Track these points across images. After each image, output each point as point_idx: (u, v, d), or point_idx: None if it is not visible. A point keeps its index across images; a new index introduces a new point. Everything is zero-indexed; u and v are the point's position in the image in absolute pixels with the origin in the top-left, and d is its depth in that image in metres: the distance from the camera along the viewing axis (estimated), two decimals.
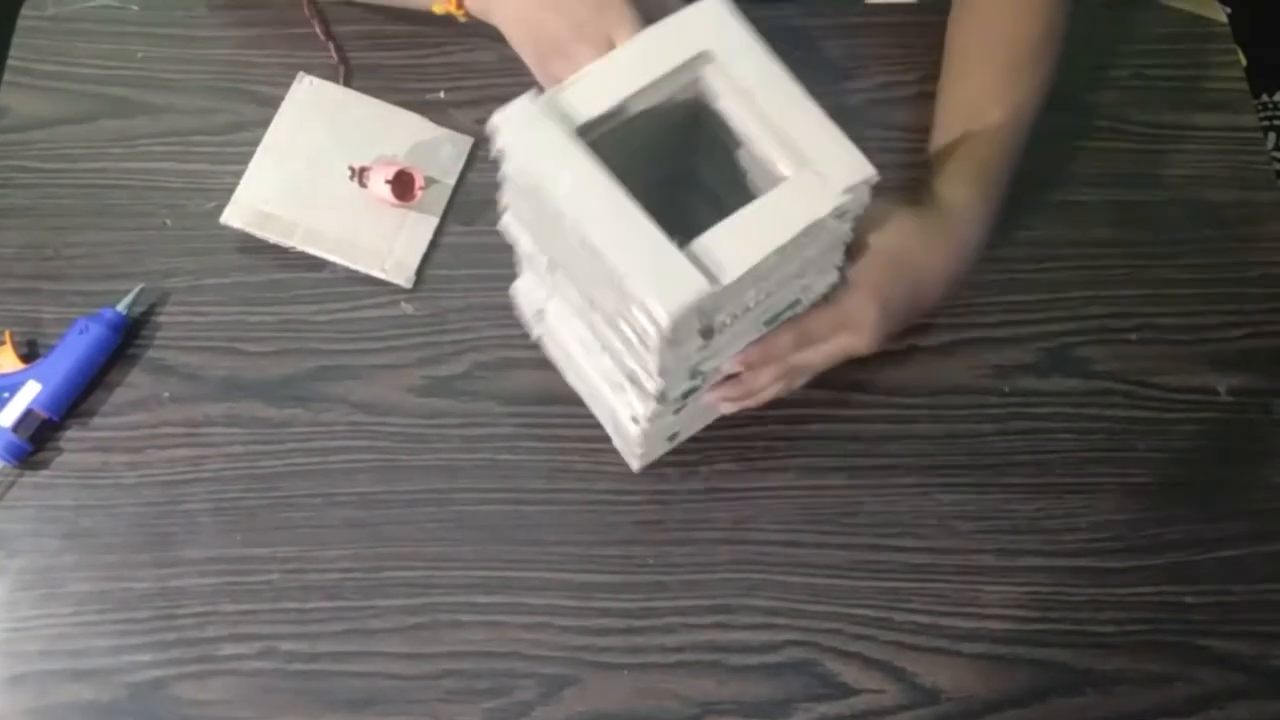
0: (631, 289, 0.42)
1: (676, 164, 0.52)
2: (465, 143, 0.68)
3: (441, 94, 0.69)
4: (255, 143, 0.66)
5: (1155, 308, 0.66)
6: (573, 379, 0.60)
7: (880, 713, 0.56)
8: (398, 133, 0.67)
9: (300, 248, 0.64)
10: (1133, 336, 0.65)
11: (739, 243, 0.43)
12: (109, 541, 0.58)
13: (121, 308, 0.62)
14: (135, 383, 0.61)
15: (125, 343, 0.62)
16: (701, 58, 0.46)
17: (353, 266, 0.64)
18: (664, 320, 0.41)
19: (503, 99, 0.68)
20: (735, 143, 0.48)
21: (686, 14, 0.46)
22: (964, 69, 0.64)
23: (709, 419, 0.59)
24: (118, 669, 0.55)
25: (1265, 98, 1.00)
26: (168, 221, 0.65)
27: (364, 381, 0.62)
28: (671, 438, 0.58)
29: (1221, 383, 0.64)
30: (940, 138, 0.63)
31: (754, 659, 0.57)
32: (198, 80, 0.69)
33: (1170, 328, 0.65)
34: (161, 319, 0.63)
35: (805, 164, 0.44)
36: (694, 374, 0.50)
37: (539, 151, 0.43)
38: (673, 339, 0.43)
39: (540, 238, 0.48)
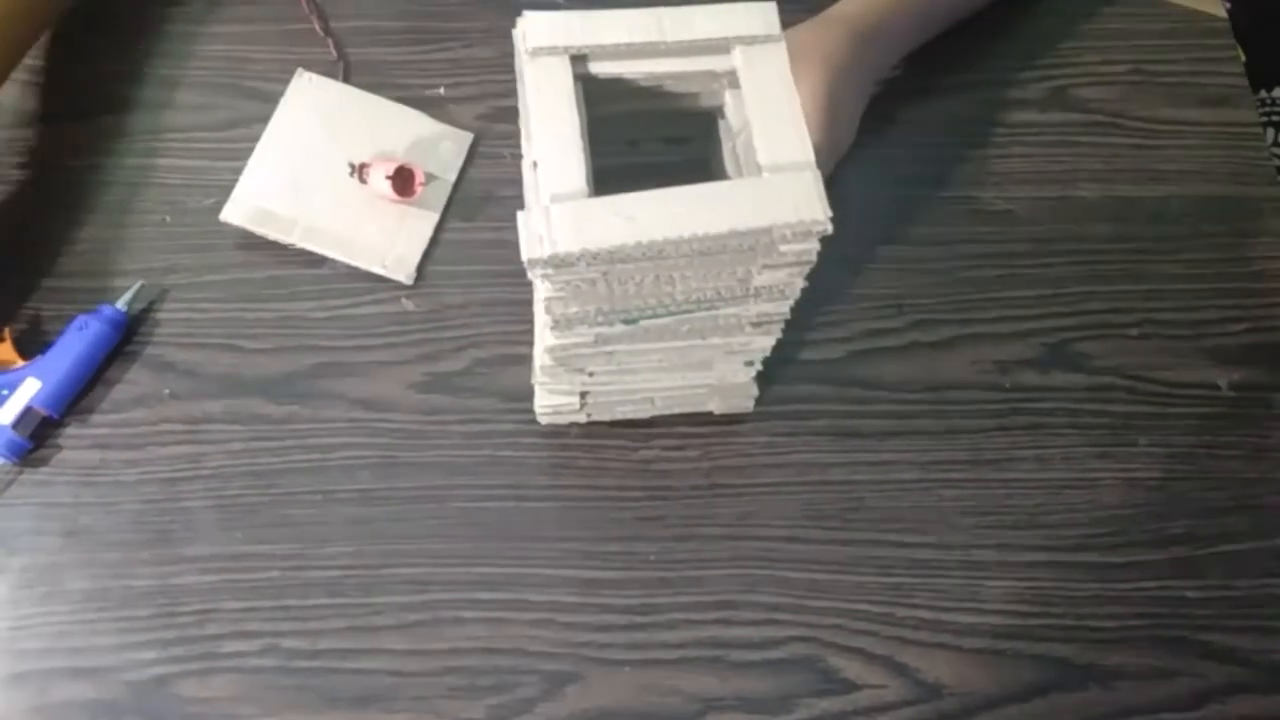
0: (783, 228, 0.43)
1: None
2: (465, 139, 0.68)
3: (441, 90, 0.69)
4: (254, 139, 0.66)
5: (1156, 303, 0.66)
6: (645, 411, 0.60)
7: (882, 708, 0.56)
8: (397, 129, 0.67)
9: (300, 244, 0.64)
10: (1133, 332, 0.65)
11: (780, 133, 0.45)
12: (109, 539, 0.58)
13: (121, 304, 0.61)
14: (134, 379, 0.61)
15: (125, 340, 0.62)
16: (577, 62, 0.46)
17: (353, 263, 0.64)
18: (824, 221, 0.43)
19: (502, 94, 0.69)
20: (639, 103, 0.49)
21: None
22: None
23: None
24: (119, 667, 0.55)
25: (1264, 94, 1.00)
26: (166, 218, 0.65)
27: (364, 378, 0.62)
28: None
29: (1223, 378, 0.64)
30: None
31: (756, 655, 0.57)
32: (196, 76, 0.69)
33: (1171, 323, 0.65)
34: (160, 316, 0.63)
35: (728, 48, 0.47)
36: None
37: (602, 229, 0.42)
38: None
39: (613, 309, 0.48)
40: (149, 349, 0.62)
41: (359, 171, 0.64)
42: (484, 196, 0.66)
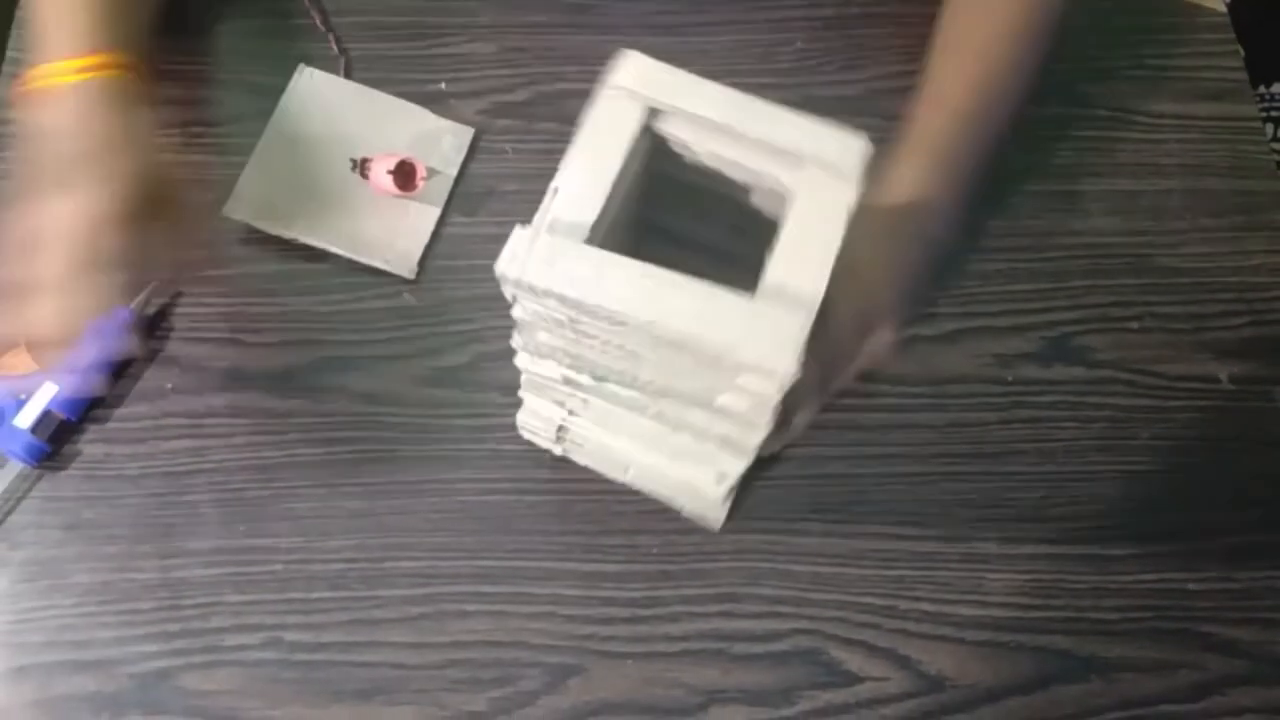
0: (742, 358, 0.41)
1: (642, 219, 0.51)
2: (466, 133, 0.68)
3: (442, 85, 0.69)
4: (256, 134, 0.66)
5: (1157, 296, 0.66)
6: (619, 474, 0.59)
7: (884, 700, 0.56)
8: (399, 124, 0.67)
9: (302, 239, 0.64)
10: (1134, 325, 0.65)
11: (799, 264, 0.42)
12: (112, 533, 0.58)
13: (134, 306, 0.61)
14: (138, 374, 0.61)
15: (140, 341, 0.61)
16: (653, 115, 0.45)
17: (355, 258, 0.64)
18: (789, 369, 0.40)
19: (503, 90, 0.69)
20: (710, 179, 0.47)
21: (616, 78, 0.45)
22: (938, 58, 0.61)
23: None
24: (122, 660, 0.55)
25: (1264, 89, 1.00)
26: None
27: (367, 372, 0.62)
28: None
29: (1223, 371, 0.64)
30: (907, 126, 0.59)
31: (759, 648, 0.57)
32: (197, 71, 0.69)
33: (1172, 316, 0.65)
34: (164, 311, 0.63)
35: (801, 165, 0.43)
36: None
37: (572, 275, 0.41)
38: (789, 385, 0.42)
39: (580, 358, 0.48)
40: (152, 344, 0.62)
41: (361, 166, 0.64)
42: (485, 191, 0.67)
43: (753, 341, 0.40)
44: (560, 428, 0.57)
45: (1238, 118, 0.71)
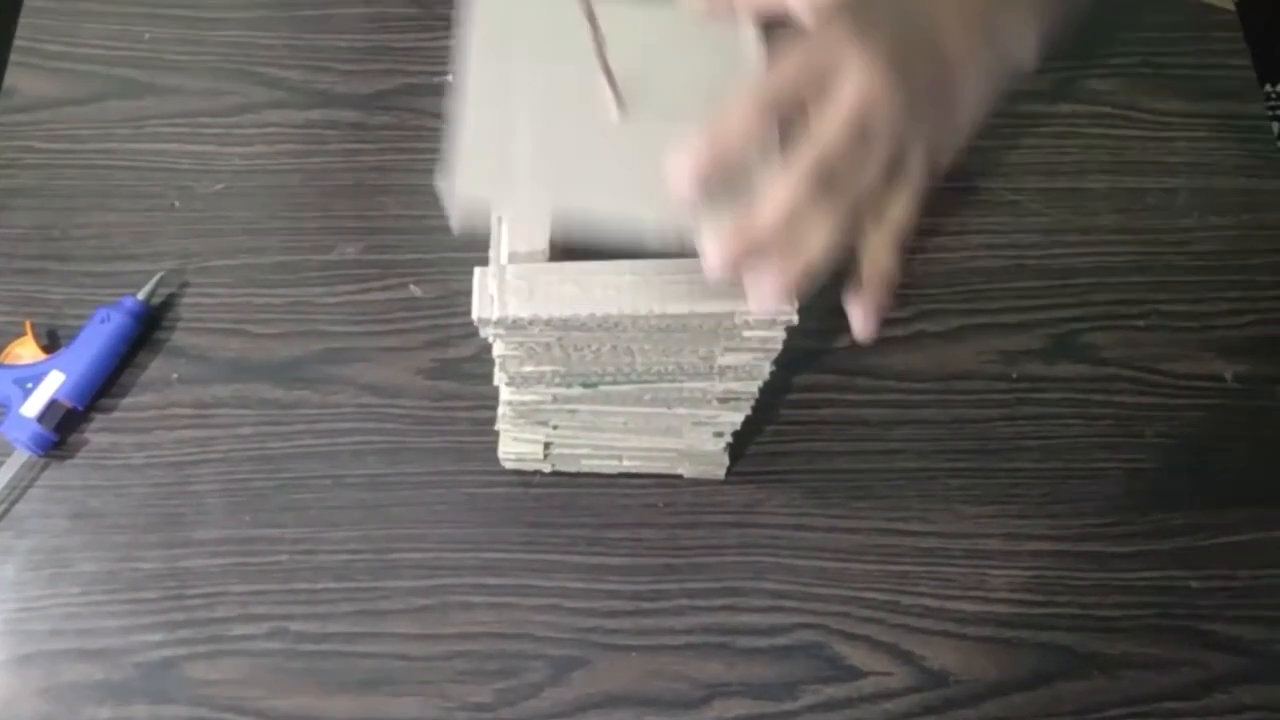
0: (745, 317, 0.42)
1: None
2: None
3: (450, 77, 0.69)
4: (263, 124, 0.66)
5: (1162, 294, 0.66)
6: (612, 466, 0.59)
7: (888, 695, 0.56)
8: None
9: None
10: (1140, 323, 0.65)
11: None
12: (118, 522, 0.58)
13: (142, 296, 0.61)
14: (143, 364, 0.61)
15: (147, 330, 0.62)
16: None
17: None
18: (790, 314, 0.42)
19: None
20: None
21: None
22: None
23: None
24: (127, 649, 0.55)
25: (1271, 88, 1.00)
26: (175, 203, 0.65)
27: (373, 364, 0.62)
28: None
29: (1228, 369, 0.64)
30: None
31: (762, 641, 0.57)
32: (205, 62, 0.69)
33: (1177, 314, 0.65)
34: (170, 301, 0.63)
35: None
36: None
37: (556, 297, 0.41)
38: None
39: (569, 373, 0.47)
40: (157, 334, 0.62)
41: None
42: None
43: (748, 298, 0.41)
44: (547, 444, 0.57)
45: (1245, 116, 0.71)
